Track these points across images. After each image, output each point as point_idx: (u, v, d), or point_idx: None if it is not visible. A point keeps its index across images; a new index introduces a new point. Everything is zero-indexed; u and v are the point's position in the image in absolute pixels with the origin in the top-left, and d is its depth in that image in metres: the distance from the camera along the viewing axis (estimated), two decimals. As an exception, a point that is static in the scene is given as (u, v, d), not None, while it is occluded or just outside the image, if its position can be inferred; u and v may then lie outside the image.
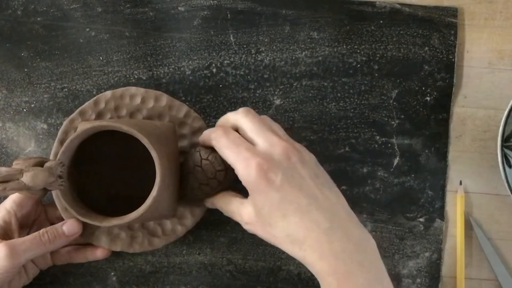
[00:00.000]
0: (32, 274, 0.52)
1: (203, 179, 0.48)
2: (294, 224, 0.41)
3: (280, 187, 0.41)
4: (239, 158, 0.42)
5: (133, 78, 0.56)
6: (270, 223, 0.42)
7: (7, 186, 0.43)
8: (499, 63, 0.58)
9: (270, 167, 0.41)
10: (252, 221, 0.44)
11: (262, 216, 0.43)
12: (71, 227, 0.50)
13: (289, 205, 0.41)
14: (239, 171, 0.43)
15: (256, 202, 0.43)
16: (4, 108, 0.56)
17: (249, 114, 0.45)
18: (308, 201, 0.41)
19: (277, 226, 0.42)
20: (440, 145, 0.57)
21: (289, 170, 0.42)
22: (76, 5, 0.56)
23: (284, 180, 0.41)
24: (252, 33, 0.57)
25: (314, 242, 0.40)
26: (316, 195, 0.42)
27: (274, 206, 0.42)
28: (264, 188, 0.41)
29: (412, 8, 0.57)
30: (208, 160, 0.48)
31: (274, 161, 0.42)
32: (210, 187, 0.49)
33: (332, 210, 0.42)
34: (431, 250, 0.56)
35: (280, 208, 0.41)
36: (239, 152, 0.43)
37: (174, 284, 0.56)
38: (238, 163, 0.43)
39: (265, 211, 0.42)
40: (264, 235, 0.44)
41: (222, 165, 0.48)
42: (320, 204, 0.42)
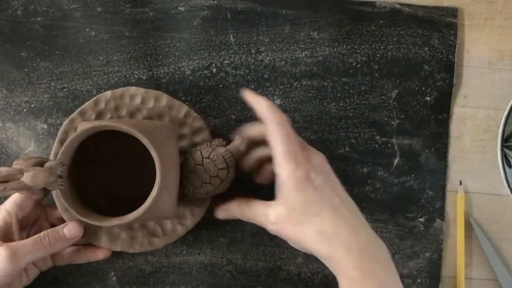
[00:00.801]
0: (32, 276, 0.52)
1: (205, 178, 0.48)
2: (326, 221, 0.44)
3: (318, 187, 0.45)
4: (289, 155, 0.45)
5: (133, 78, 0.56)
6: (302, 220, 0.44)
7: (7, 186, 0.43)
8: (499, 63, 0.58)
9: (312, 169, 0.45)
10: (281, 221, 0.45)
11: (294, 214, 0.45)
12: (72, 229, 0.50)
13: (324, 203, 0.45)
14: (283, 164, 0.45)
15: (292, 199, 0.45)
16: (4, 108, 0.56)
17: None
18: (339, 200, 0.45)
19: (309, 223, 0.44)
20: (440, 145, 0.57)
21: (326, 174, 0.47)
22: (76, 5, 0.56)
23: (322, 181, 0.45)
24: (252, 33, 0.57)
25: (344, 238, 0.44)
26: (343, 198, 0.46)
27: (310, 204, 0.45)
28: (304, 187, 0.45)
29: (412, 8, 0.57)
30: (209, 158, 0.48)
31: (315, 165, 0.46)
32: (212, 185, 0.49)
33: (356, 212, 0.46)
34: (431, 250, 0.56)
35: (316, 205, 0.44)
36: (292, 149, 0.45)
37: (174, 284, 0.56)
38: (286, 159, 0.45)
39: (300, 208, 0.45)
40: (291, 234, 0.45)
41: (223, 163, 0.48)
42: (347, 204, 0.46)
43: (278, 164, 0.46)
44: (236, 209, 0.50)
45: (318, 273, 0.56)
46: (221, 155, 0.49)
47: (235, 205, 0.50)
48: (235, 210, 0.50)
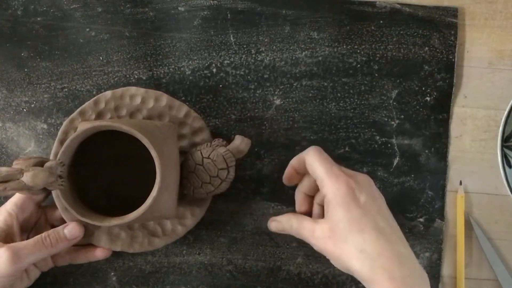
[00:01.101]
0: (33, 277, 0.52)
1: (205, 177, 0.49)
2: (370, 241, 0.44)
3: (362, 205, 0.45)
4: (331, 174, 0.46)
5: (133, 78, 0.56)
6: (345, 237, 0.44)
7: (8, 186, 0.43)
8: (499, 63, 0.58)
9: (357, 186, 0.46)
10: (324, 236, 0.46)
11: (337, 230, 0.45)
12: (72, 230, 0.50)
13: (368, 222, 0.44)
14: (328, 184, 0.46)
15: (336, 216, 0.45)
16: (4, 108, 0.56)
17: None
18: (384, 224, 0.45)
19: (352, 240, 0.44)
20: (440, 145, 0.57)
21: (371, 193, 0.47)
22: (76, 5, 0.56)
23: (367, 200, 0.46)
24: (252, 33, 0.57)
25: (387, 262, 0.43)
26: (389, 221, 0.46)
27: (353, 221, 0.44)
28: (348, 203, 0.45)
29: (412, 8, 0.57)
30: (209, 158, 0.48)
31: (359, 183, 0.47)
32: (212, 185, 0.49)
33: (402, 238, 0.46)
34: (431, 250, 0.56)
35: (360, 223, 0.44)
36: (331, 169, 0.47)
37: (174, 284, 0.56)
38: (328, 177, 0.46)
39: (343, 225, 0.45)
40: (333, 251, 0.45)
41: (224, 163, 0.48)
42: (393, 228, 0.46)
43: (322, 185, 0.47)
44: (286, 222, 0.50)
45: (318, 273, 0.56)
46: (221, 155, 0.49)
47: (285, 218, 0.51)
48: (285, 222, 0.51)
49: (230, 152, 0.50)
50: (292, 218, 0.50)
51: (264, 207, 0.56)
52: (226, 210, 0.56)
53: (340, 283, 0.56)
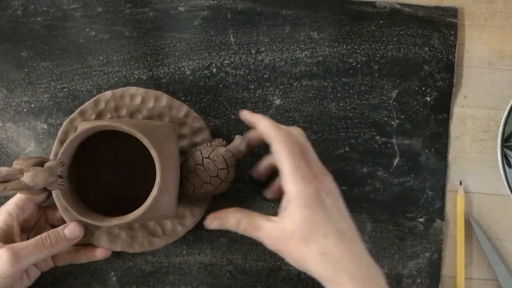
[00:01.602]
0: (33, 277, 0.52)
1: (205, 177, 0.48)
2: (333, 244, 0.43)
3: (327, 208, 0.44)
4: (299, 172, 0.44)
5: (133, 78, 0.56)
6: (308, 240, 0.43)
7: (8, 186, 0.43)
8: (499, 63, 0.58)
9: (322, 188, 0.45)
10: (285, 237, 0.44)
11: (300, 231, 0.43)
12: (73, 230, 0.50)
13: (332, 224, 0.44)
14: (292, 182, 0.44)
15: (298, 216, 0.44)
16: (4, 108, 0.56)
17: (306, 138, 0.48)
18: (345, 225, 0.45)
19: (315, 243, 0.43)
20: (440, 145, 0.57)
21: (334, 196, 0.46)
22: (76, 5, 0.56)
23: (332, 203, 0.45)
24: (252, 33, 0.57)
25: (348, 264, 0.43)
26: (349, 222, 0.46)
27: (317, 224, 0.43)
28: (314, 206, 0.44)
29: (412, 8, 0.57)
30: (209, 158, 0.48)
31: (326, 185, 0.45)
32: (212, 185, 0.49)
33: (358, 237, 0.46)
34: (431, 250, 0.56)
35: (323, 226, 0.44)
36: (300, 166, 0.44)
37: (174, 284, 0.56)
38: (294, 174, 0.44)
39: (307, 226, 0.43)
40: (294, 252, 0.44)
41: (224, 163, 0.48)
42: (352, 230, 0.45)
43: (286, 181, 0.44)
44: (232, 219, 0.47)
45: (318, 273, 0.56)
46: (221, 155, 0.49)
47: (231, 215, 0.47)
48: (231, 220, 0.47)
49: (230, 152, 0.50)
50: (238, 214, 0.47)
51: (264, 207, 0.56)
52: (226, 210, 0.56)
53: (340, 283, 0.56)
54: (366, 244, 0.56)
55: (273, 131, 0.46)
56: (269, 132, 0.46)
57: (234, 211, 0.47)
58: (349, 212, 0.51)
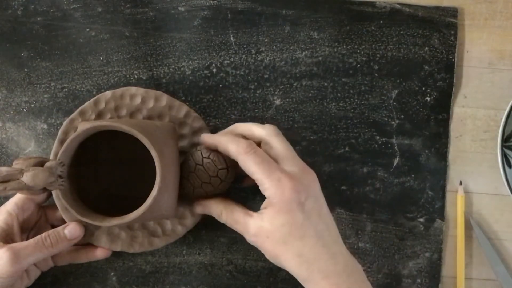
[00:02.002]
0: (33, 276, 0.52)
1: (205, 177, 0.48)
2: (308, 246, 0.44)
3: (306, 211, 0.44)
4: (272, 177, 0.44)
5: (133, 78, 0.56)
6: (285, 241, 0.44)
7: (8, 186, 0.43)
8: (499, 63, 0.58)
9: (302, 189, 0.44)
10: (263, 235, 0.45)
11: (279, 233, 0.44)
12: (73, 230, 0.50)
13: (310, 228, 0.44)
14: (270, 189, 0.44)
15: (278, 219, 0.44)
16: (4, 108, 0.56)
17: (280, 134, 0.48)
18: (323, 227, 0.45)
19: (291, 245, 0.44)
20: (440, 145, 0.57)
21: (315, 196, 0.46)
22: (76, 5, 0.56)
23: (311, 205, 0.45)
24: (252, 33, 0.57)
25: (323, 264, 0.44)
26: (328, 223, 0.46)
27: (296, 226, 0.44)
28: (293, 208, 0.44)
29: (412, 8, 0.57)
30: (209, 158, 0.48)
31: (305, 185, 0.45)
32: (212, 185, 0.49)
33: (337, 237, 0.46)
34: (431, 250, 0.56)
35: (301, 229, 0.44)
36: (271, 171, 0.44)
37: (174, 284, 0.56)
38: (270, 182, 0.44)
39: (285, 229, 0.44)
40: (270, 251, 0.45)
41: (223, 163, 0.48)
42: (330, 230, 0.46)
43: (263, 188, 0.45)
44: (214, 209, 0.49)
45: (318, 273, 0.56)
46: (221, 156, 0.49)
47: (214, 205, 0.49)
48: (213, 209, 0.49)
49: None
50: (221, 205, 0.48)
51: (264, 207, 0.56)
52: (226, 210, 0.56)
53: (340, 283, 0.56)
54: (366, 244, 0.56)
55: (233, 146, 0.46)
56: (230, 149, 0.46)
57: (216, 202, 0.49)
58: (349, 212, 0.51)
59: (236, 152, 0.45)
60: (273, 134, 0.47)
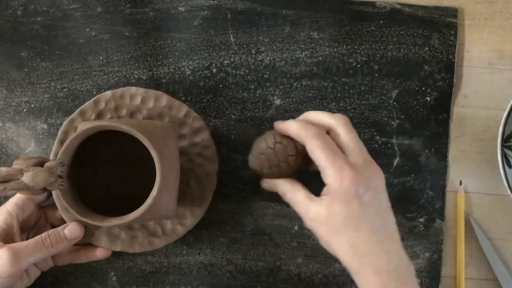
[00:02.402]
0: (33, 276, 0.52)
1: (274, 161, 0.49)
2: (362, 238, 0.44)
3: (364, 203, 0.44)
4: (335, 165, 0.44)
5: (133, 78, 0.56)
6: (339, 230, 0.44)
7: (7, 186, 0.43)
8: (499, 63, 0.58)
9: (362, 182, 0.44)
10: (319, 221, 0.45)
11: (333, 222, 0.44)
12: (73, 230, 0.50)
13: (365, 220, 0.44)
14: (331, 176, 0.44)
15: (335, 208, 0.44)
16: (4, 108, 0.56)
17: (349, 124, 0.48)
18: (380, 222, 0.45)
19: (345, 235, 0.44)
20: (440, 145, 0.57)
21: (375, 190, 0.45)
22: (76, 5, 0.56)
23: (370, 198, 0.44)
24: (252, 33, 0.57)
25: (375, 259, 0.44)
26: (386, 219, 0.46)
27: (351, 217, 0.44)
28: (350, 199, 0.44)
29: (412, 8, 0.57)
30: (281, 144, 0.49)
31: (366, 177, 0.45)
32: (279, 169, 0.49)
33: (393, 234, 0.46)
34: (431, 250, 0.56)
35: (356, 220, 0.44)
36: (335, 159, 0.44)
37: (174, 284, 0.56)
38: (332, 169, 0.44)
39: (340, 219, 0.44)
40: (323, 235, 0.45)
41: (294, 150, 0.49)
42: (387, 227, 0.46)
43: (325, 175, 0.45)
44: (281, 187, 0.49)
45: (318, 273, 0.56)
46: (293, 143, 0.49)
47: (281, 183, 0.49)
48: (279, 188, 0.49)
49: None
50: (286, 184, 0.49)
51: (264, 207, 0.56)
52: (226, 210, 0.56)
53: (340, 283, 0.56)
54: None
55: (303, 132, 0.46)
56: (300, 134, 0.47)
57: (283, 182, 0.49)
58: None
59: (305, 137, 0.46)
60: (342, 123, 0.47)
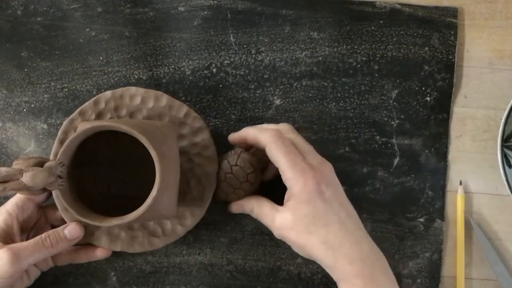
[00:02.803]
0: (33, 276, 0.52)
1: (236, 184, 0.51)
2: (332, 233, 0.46)
3: (328, 199, 0.46)
4: (296, 168, 0.46)
5: (133, 78, 0.56)
6: (309, 230, 0.46)
7: (7, 186, 0.43)
8: (499, 63, 0.58)
9: (323, 180, 0.46)
10: (287, 227, 0.47)
11: (302, 224, 0.46)
12: (73, 230, 0.50)
13: (332, 215, 0.46)
14: (292, 178, 0.46)
15: (301, 210, 0.46)
16: (4, 108, 0.56)
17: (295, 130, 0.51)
18: (345, 214, 0.47)
19: (316, 234, 0.46)
20: (440, 145, 0.57)
21: (334, 185, 0.48)
22: (76, 5, 0.56)
23: (332, 194, 0.47)
24: (252, 33, 0.57)
25: (347, 249, 0.45)
26: (348, 210, 0.48)
27: (318, 215, 0.46)
28: (315, 198, 0.46)
29: (412, 8, 0.57)
30: (237, 165, 0.51)
31: (324, 175, 0.47)
32: (243, 190, 0.52)
33: (359, 224, 0.48)
34: (431, 250, 0.56)
35: (324, 217, 0.46)
36: (296, 162, 0.46)
37: (174, 284, 0.56)
38: (294, 172, 0.46)
39: (308, 219, 0.46)
40: (296, 241, 0.46)
41: (251, 167, 0.51)
42: (351, 217, 0.47)
43: (286, 178, 0.47)
44: (247, 206, 0.51)
45: (318, 273, 0.56)
46: (247, 160, 0.51)
47: (246, 202, 0.51)
48: (246, 206, 0.51)
49: (255, 155, 0.52)
50: (253, 201, 0.50)
51: (264, 207, 0.56)
52: (226, 210, 0.56)
53: (340, 283, 0.56)
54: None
55: (262, 135, 0.48)
56: (259, 138, 0.48)
57: (248, 200, 0.51)
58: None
59: (264, 140, 0.47)
60: (290, 129, 0.50)
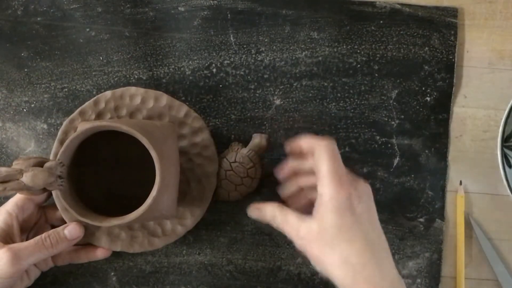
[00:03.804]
0: (33, 276, 0.52)
1: (237, 180, 0.52)
2: (356, 250, 0.43)
3: (357, 215, 0.44)
4: (336, 175, 0.44)
5: (133, 78, 0.56)
6: (332, 244, 0.43)
7: (7, 186, 0.43)
8: (499, 63, 0.58)
9: (357, 195, 0.44)
10: (309, 238, 0.44)
11: (325, 235, 0.43)
12: (73, 230, 0.50)
13: (359, 232, 0.44)
14: (328, 185, 0.44)
15: (327, 219, 0.43)
16: (4, 108, 0.56)
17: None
18: (374, 236, 0.44)
19: (338, 248, 0.43)
20: (440, 145, 0.57)
21: (369, 206, 0.46)
22: (76, 5, 0.56)
23: (363, 210, 0.44)
24: (252, 33, 0.57)
25: (369, 274, 0.42)
26: (379, 234, 0.45)
27: (345, 229, 0.43)
28: (344, 211, 0.43)
29: (412, 8, 0.57)
30: (236, 162, 0.52)
31: (360, 192, 0.45)
32: (245, 185, 0.52)
33: (387, 251, 0.45)
34: (431, 250, 0.56)
35: (350, 232, 0.43)
36: (338, 171, 0.44)
37: (174, 284, 0.56)
38: (331, 178, 0.44)
39: (334, 231, 0.43)
40: (317, 253, 0.44)
41: (250, 162, 0.52)
42: (381, 243, 0.45)
43: (322, 184, 0.44)
44: (269, 212, 0.48)
45: (318, 273, 0.56)
46: (246, 156, 0.52)
47: (269, 208, 0.48)
48: (268, 213, 0.48)
49: (253, 150, 0.53)
50: (276, 209, 0.47)
51: (264, 207, 0.56)
52: (226, 210, 0.56)
53: (340, 283, 0.56)
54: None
55: (315, 140, 0.46)
56: (312, 142, 0.47)
57: (272, 205, 0.48)
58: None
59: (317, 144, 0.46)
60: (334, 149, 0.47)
